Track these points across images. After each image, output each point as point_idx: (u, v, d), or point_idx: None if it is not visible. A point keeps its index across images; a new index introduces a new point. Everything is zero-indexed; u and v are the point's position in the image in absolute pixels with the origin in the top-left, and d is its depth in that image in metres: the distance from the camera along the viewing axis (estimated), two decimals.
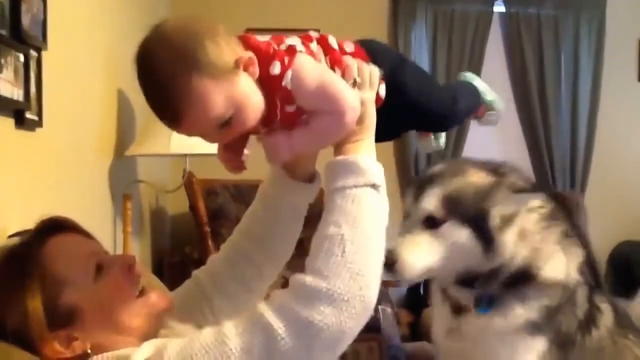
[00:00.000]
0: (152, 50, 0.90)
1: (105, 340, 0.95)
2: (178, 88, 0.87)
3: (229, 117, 0.90)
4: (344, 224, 0.89)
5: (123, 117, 2.50)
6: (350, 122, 0.95)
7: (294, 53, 0.94)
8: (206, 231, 2.73)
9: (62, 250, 0.97)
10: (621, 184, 3.96)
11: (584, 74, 3.84)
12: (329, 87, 0.94)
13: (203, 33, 0.88)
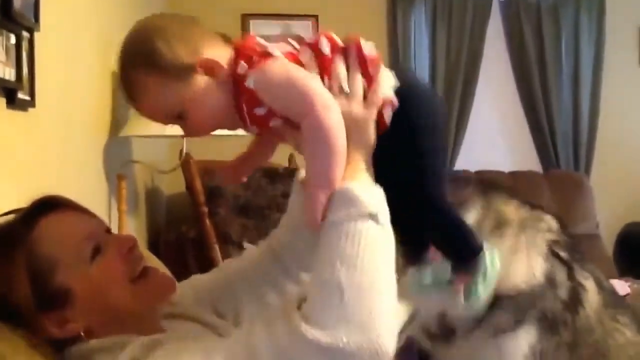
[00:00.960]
0: (124, 39, 0.92)
1: (98, 324, 0.94)
2: (130, 78, 0.90)
3: (180, 113, 0.90)
4: (339, 266, 0.79)
5: (117, 98, 2.50)
6: (330, 123, 0.84)
7: (267, 56, 0.89)
8: (203, 211, 2.73)
9: (54, 230, 0.96)
10: (626, 166, 3.97)
11: (585, 58, 3.84)
12: (296, 83, 0.86)
13: (160, 33, 0.88)
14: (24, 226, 0.95)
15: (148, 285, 0.99)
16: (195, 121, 0.91)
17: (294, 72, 0.88)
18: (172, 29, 0.89)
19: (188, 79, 0.88)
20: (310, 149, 0.87)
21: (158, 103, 0.90)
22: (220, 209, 2.83)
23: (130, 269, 0.98)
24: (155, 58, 0.87)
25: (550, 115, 3.81)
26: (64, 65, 1.92)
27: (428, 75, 3.74)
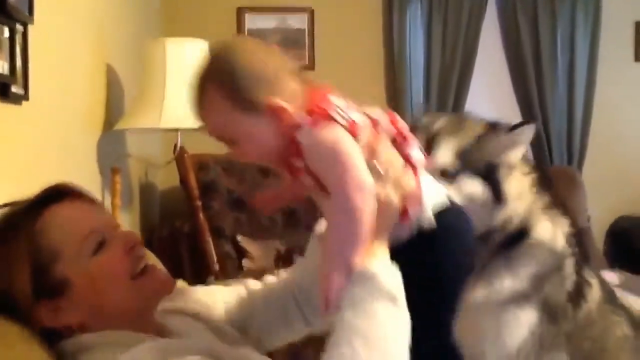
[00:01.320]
0: (214, 49, 0.95)
1: (93, 317, 0.95)
2: (204, 89, 0.92)
3: (233, 140, 0.92)
4: (358, 345, 0.79)
5: (112, 92, 2.49)
6: (359, 206, 0.85)
7: (330, 119, 0.89)
8: (197, 205, 2.73)
9: (61, 220, 0.96)
10: (618, 160, 3.99)
11: (581, 53, 3.83)
12: (340, 156, 0.86)
13: (247, 64, 0.90)
14: (31, 214, 0.96)
15: (147, 282, 1.00)
16: (245, 152, 0.94)
17: (342, 145, 0.87)
18: (259, 62, 0.90)
19: (254, 115, 0.90)
20: (335, 225, 0.88)
21: (218, 123, 0.92)
22: (214, 203, 2.83)
23: (131, 266, 0.98)
24: (233, 86, 0.89)
25: (545, 111, 3.82)
26: (58, 59, 1.92)
27: (423, 69, 3.74)
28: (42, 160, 1.75)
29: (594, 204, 3.61)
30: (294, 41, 3.72)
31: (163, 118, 2.38)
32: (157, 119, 2.38)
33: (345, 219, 0.86)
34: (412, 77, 3.70)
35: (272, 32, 3.71)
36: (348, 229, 0.86)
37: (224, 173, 3.00)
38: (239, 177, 3.01)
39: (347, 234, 0.86)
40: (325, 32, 3.74)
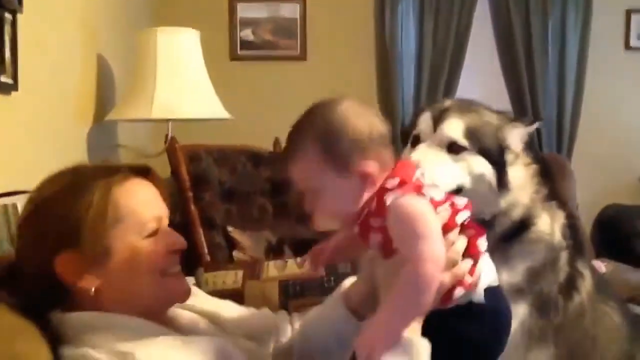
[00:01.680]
0: (324, 103, 1.00)
1: (111, 294, 0.97)
2: (300, 138, 0.97)
3: (314, 193, 0.95)
4: None
5: (103, 82, 2.48)
6: (430, 282, 0.87)
7: (418, 190, 0.92)
8: (189, 196, 2.72)
9: (139, 194, 1.02)
10: (607, 149, 4.01)
11: (571, 41, 3.83)
12: (424, 228, 0.89)
13: (351, 130, 0.93)
14: (118, 172, 1.01)
15: (173, 286, 1.04)
16: (322, 207, 0.96)
17: (427, 216, 0.90)
18: (359, 127, 0.94)
19: (342, 175, 0.93)
20: (398, 292, 0.89)
21: (306, 175, 0.96)
22: (206, 194, 2.81)
23: (167, 265, 1.02)
24: (330, 145, 0.93)
25: (536, 101, 3.83)
26: (48, 49, 1.90)
27: (414, 61, 3.74)
28: (32, 151, 1.74)
29: (582, 192, 3.64)
30: (286, 31, 3.71)
31: (154, 108, 2.37)
32: (148, 110, 2.37)
33: (412, 288, 0.88)
34: (404, 67, 3.70)
35: (264, 21, 3.69)
36: (411, 298, 0.88)
37: (216, 164, 2.98)
38: (231, 168, 3.00)
39: (408, 304, 0.88)
40: (317, 21, 3.72)
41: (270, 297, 1.73)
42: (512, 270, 1.26)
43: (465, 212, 0.96)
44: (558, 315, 1.30)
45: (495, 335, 0.97)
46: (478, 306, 0.95)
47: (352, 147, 0.93)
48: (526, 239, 1.28)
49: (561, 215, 1.36)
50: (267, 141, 3.31)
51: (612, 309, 1.39)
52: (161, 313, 1.05)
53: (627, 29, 4.03)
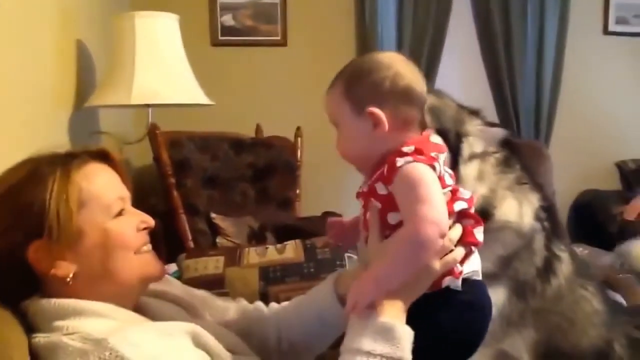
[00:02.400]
0: (365, 58, 1.07)
1: (87, 276, 0.98)
2: (340, 74, 1.05)
3: (337, 125, 1.04)
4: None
5: (82, 68, 2.45)
6: (427, 239, 0.90)
7: (431, 161, 0.95)
8: (171, 182, 2.73)
9: (100, 176, 1.03)
10: (584, 134, 4.05)
11: (550, 26, 3.86)
12: (429, 194, 0.91)
13: (373, 75, 1.00)
14: (77, 158, 1.02)
15: (147, 262, 1.05)
16: (340, 141, 1.04)
17: (434, 184, 0.93)
18: (385, 80, 1.00)
19: (356, 114, 1.00)
20: (395, 248, 0.92)
21: (329, 108, 1.05)
22: (188, 180, 2.82)
23: (139, 243, 1.04)
24: (352, 87, 1.01)
25: (514, 88, 3.86)
26: (26, 34, 1.88)
27: (394, 45, 3.74)
28: (11, 138, 1.73)
29: (559, 178, 3.69)
30: (266, 15, 3.69)
31: (133, 94, 2.35)
32: (127, 95, 2.35)
33: (409, 246, 0.91)
34: None
35: (244, 6, 3.67)
36: (407, 255, 0.91)
37: (198, 150, 2.99)
38: (213, 154, 3.01)
39: (403, 260, 0.91)
40: (297, 6, 3.71)
41: (251, 283, 1.74)
42: (481, 257, 1.27)
43: (462, 202, 0.98)
44: (536, 299, 1.31)
45: (469, 328, 0.97)
46: (454, 296, 0.96)
47: (369, 91, 0.99)
48: (488, 229, 1.29)
49: (534, 198, 1.36)
50: (249, 127, 3.31)
51: (591, 294, 1.39)
52: (137, 295, 1.06)
53: (606, 13, 4.06)
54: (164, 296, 1.14)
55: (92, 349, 0.85)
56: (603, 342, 1.37)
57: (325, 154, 3.57)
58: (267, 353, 1.17)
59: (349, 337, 0.90)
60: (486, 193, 1.29)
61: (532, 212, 1.34)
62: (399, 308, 0.92)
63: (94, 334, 0.88)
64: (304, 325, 1.17)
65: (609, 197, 3.77)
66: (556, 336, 1.34)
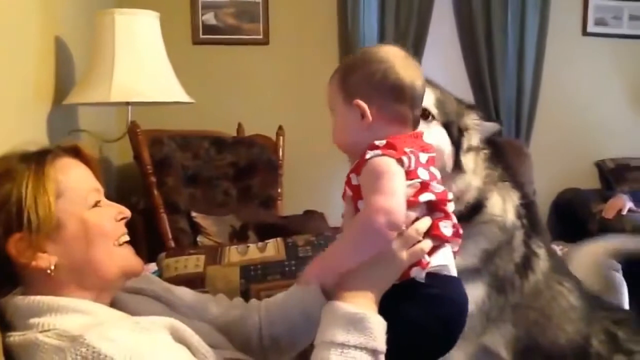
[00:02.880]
0: (363, 53, 1.10)
1: (68, 272, 0.98)
2: (340, 66, 1.10)
3: (332, 111, 1.08)
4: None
5: (62, 65, 2.43)
6: (377, 228, 0.92)
7: (399, 156, 0.97)
8: (152, 181, 2.71)
9: (73, 169, 1.04)
10: (564, 134, 4.10)
11: (530, 27, 3.91)
12: (387, 185, 0.94)
13: (362, 71, 1.04)
14: (49, 153, 1.03)
15: (126, 254, 1.05)
16: (334, 127, 1.07)
17: (395, 178, 0.95)
18: (373, 76, 1.02)
19: (346, 104, 1.04)
20: (348, 234, 0.96)
21: (329, 95, 1.08)
22: (169, 179, 2.80)
23: (118, 233, 1.04)
24: (346, 77, 1.05)
25: (495, 88, 3.89)
26: (4, 30, 1.86)
27: (377, 42, 3.75)
28: None
29: (540, 177, 3.72)
30: (248, 14, 3.68)
31: (113, 91, 2.33)
32: (106, 93, 2.33)
33: (359, 233, 0.94)
34: None
35: (226, 4, 3.66)
36: (356, 242, 0.95)
37: (179, 149, 2.98)
38: (194, 153, 2.99)
39: (352, 246, 0.95)
40: (279, 5, 3.71)
41: (232, 281, 1.74)
42: (465, 253, 1.26)
43: (429, 194, 0.98)
44: (515, 295, 1.32)
45: (439, 323, 0.96)
46: (420, 289, 0.96)
47: (360, 83, 1.03)
48: (477, 221, 1.31)
49: (515, 195, 1.38)
50: (231, 126, 3.30)
51: (568, 290, 1.41)
52: (116, 289, 1.06)
53: (585, 15, 4.12)
54: (143, 293, 1.14)
55: (68, 345, 0.84)
56: (581, 337, 1.39)
57: (307, 153, 3.60)
58: (249, 349, 1.17)
59: (321, 330, 0.91)
60: (480, 185, 1.32)
61: (514, 209, 1.37)
62: (370, 299, 0.93)
63: (70, 330, 0.87)
64: (288, 321, 1.17)
65: (589, 195, 3.82)
66: (534, 332, 1.35)
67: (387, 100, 1.02)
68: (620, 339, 1.45)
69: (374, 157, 0.97)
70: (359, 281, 0.94)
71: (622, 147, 4.18)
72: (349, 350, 0.86)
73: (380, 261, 0.94)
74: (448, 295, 0.98)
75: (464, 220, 1.28)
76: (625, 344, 1.45)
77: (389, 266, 0.95)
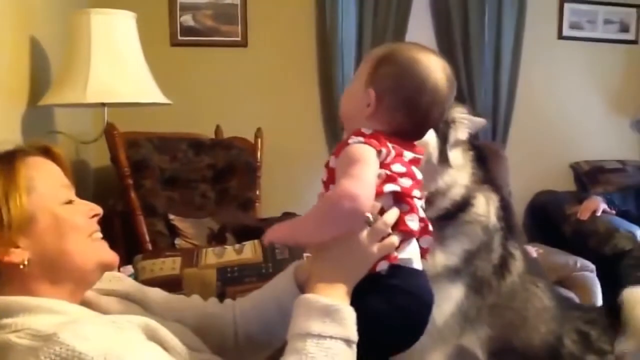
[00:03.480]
0: (392, 48, 1.10)
1: (41, 267, 0.97)
2: (373, 55, 1.09)
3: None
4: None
5: (36, 65, 2.40)
6: (340, 210, 0.93)
7: (378, 147, 0.98)
8: (128, 183, 2.69)
9: (44, 167, 1.03)
10: (540, 137, 4.14)
11: (507, 31, 3.94)
12: (358, 171, 0.95)
13: (397, 65, 1.04)
14: (22, 152, 1.03)
15: (100, 248, 1.05)
16: (343, 96, 1.11)
17: (367, 165, 0.96)
18: (403, 72, 1.03)
19: (364, 87, 1.05)
20: (313, 210, 0.97)
21: (360, 69, 1.09)
22: (146, 181, 2.78)
23: (90, 229, 1.04)
24: (377, 66, 1.05)
25: (472, 90, 3.92)
26: None
27: (355, 47, 3.75)
28: None
29: (516, 179, 3.76)
30: (227, 16, 3.67)
31: (88, 92, 2.31)
32: (82, 94, 2.31)
33: (321, 212, 0.96)
34: (344, 53, 3.69)
35: (204, 6, 3.64)
36: (317, 220, 0.96)
37: (156, 151, 2.96)
38: (171, 155, 2.97)
39: (313, 223, 0.97)
40: (258, 7, 3.70)
41: (208, 283, 1.73)
42: (448, 251, 1.29)
43: (394, 185, 0.99)
44: (492, 296, 1.34)
45: (399, 314, 0.97)
46: (382, 280, 0.97)
47: (383, 79, 1.04)
48: (462, 221, 1.32)
49: (495, 198, 1.40)
50: (209, 128, 3.29)
51: (541, 290, 1.43)
52: (91, 283, 1.05)
53: (560, 19, 4.17)
54: (115, 294, 1.13)
55: (41, 345, 0.83)
56: (554, 337, 1.41)
57: (285, 155, 3.60)
58: (224, 349, 1.17)
59: (295, 323, 0.91)
60: (467, 184, 1.33)
61: (495, 211, 1.38)
62: (343, 290, 0.94)
63: (43, 330, 0.85)
64: (263, 317, 1.17)
65: (564, 197, 3.86)
66: (509, 332, 1.37)
67: (398, 110, 1.03)
68: (593, 338, 1.47)
69: (354, 143, 0.98)
70: (331, 274, 0.95)
71: (597, 150, 4.24)
72: (325, 341, 0.88)
73: (351, 254, 0.95)
74: (408, 288, 0.98)
75: (449, 217, 1.30)
76: (597, 344, 1.47)
77: (360, 259, 0.96)
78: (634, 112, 4.39)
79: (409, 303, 0.98)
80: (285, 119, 3.60)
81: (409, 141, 1.06)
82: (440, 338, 1.20)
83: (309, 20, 3.76)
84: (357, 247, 0.96)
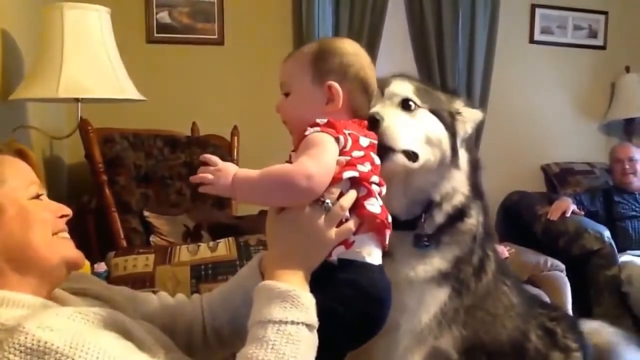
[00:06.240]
0: (331, 40, 1.15)
1: (9, 254, 0.96)
2: (301, 50, 1.12)
3: (287, 93, 1.10)
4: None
5: (8, 59, 2.37)
6: (293, 177, 0.94)
7: (336, 135, 1.00)
8: (103, 180, 2.67)
9: (16, 165, 1.04)
10: (512, 139, 4.21)
11: (480, 35, 4.00)
12: (318, 154, 0.96)
13: (339, 58, 1.08)
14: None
15: (66, 246, 1.04)
16: (288, 103, 1.09)
17: (328, 149, 0.98)
18: (349, 65, 1.08)
19: (314, 84, 1.07)
20: (267, 170, 0.98)
21: (289, 70, 1.10)
22: (120, 178, 2.76)
23: (57, 228, 1.03)
24: (320, 59, 1.08)
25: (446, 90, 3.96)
26: None
27: None
28: None
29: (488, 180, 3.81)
30: (203, 14, 3.66)
31: (61, 87, 2.28)
32: (54, 89, 2.28)
33: (274, 178, 0.96)
34: None
35: (181, 3, 3.63)
36: (267, 185, 0.97)
37: (131, 148, 2.94)
38: (146, 152, 2.96)
39: (261, 184, 0.97)
40: (235, 5, 3.70)
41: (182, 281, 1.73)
42: (443, 258, 1.30)
43: (352, 171, 0.99)
44: (469, 297, 1.35)
45: (346, 311, 0.96)
46: (333, 272, 0.98)
47: (336, 69, 1.07)
48: (459, 230, 1.33)
49: (479, 204, 1.41)
50: (185, 125, 3.28)
51: (509, 288, 1.45)
52: (57, 280, 1.03)
53: (532, 24, 4.24)
54: (85, 292, 1.12)
55: (6, 336, 0.81)
56: (519, 333, 1.43)
57: (261, 153, 3.56)
58: (192, 345, 1.17)
59: (255, 311, 0.91)
60: (468, 194, 1.34)
61: (482, 219, 1.40)
62: (301, 277, 0.95)
63: (8, 322, 0.84)
64: (230, 310, 1.17)
65: (535, 198, 3.93)
66: (480, 331, 1.38)
67: (356, 92, 1.08)
68: (558, 335, 1.51)
69: (312, 133, 1.00)
70: (289, 260, 0.96)
71: (566, 152, 4.33)
72: (286, 327, 0.88)
73: (308, 240, 0.97)
74: (356, 282, 0.97)
75: (447, 224, 1.31)
76: (562, 340, 1.50)
77: (317, 245, 0.97)
78: (602, 116, 4.49)
79: (354, 297, 0.97)
80: (262, 117, 3.57)
81: (361, 122, 1.08)
82: (422, 339, 1.21)
83: (286, 19, 3.77)
84: (314, 232, 0.97)
